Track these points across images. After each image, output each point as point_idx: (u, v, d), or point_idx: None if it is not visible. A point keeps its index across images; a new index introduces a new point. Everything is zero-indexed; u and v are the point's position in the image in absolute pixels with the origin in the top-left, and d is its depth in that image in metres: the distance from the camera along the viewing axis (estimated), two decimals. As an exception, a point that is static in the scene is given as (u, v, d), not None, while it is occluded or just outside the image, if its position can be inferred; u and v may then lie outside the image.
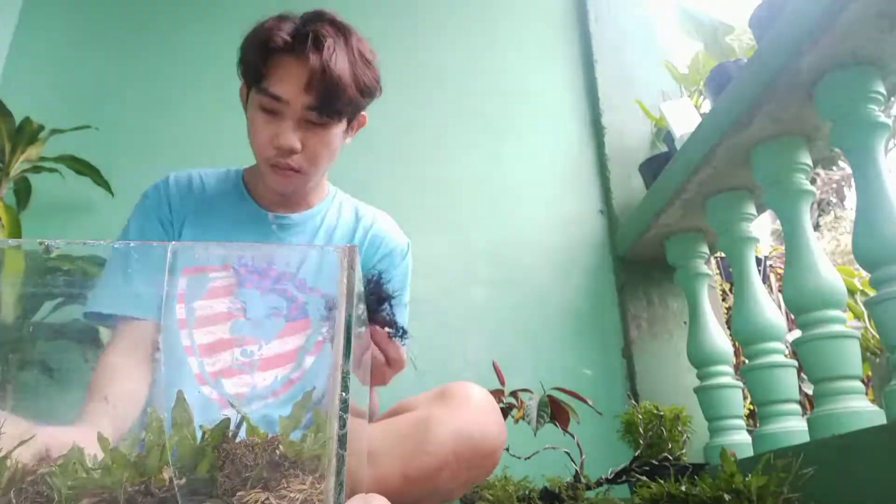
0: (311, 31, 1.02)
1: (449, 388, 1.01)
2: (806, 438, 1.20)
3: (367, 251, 1.20)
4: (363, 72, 1.06)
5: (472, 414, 0.96)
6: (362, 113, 1.15)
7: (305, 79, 1.01)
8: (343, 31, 1.06)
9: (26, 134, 1.68)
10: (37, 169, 1.72)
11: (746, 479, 0.81)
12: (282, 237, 1.17)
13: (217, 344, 1.00)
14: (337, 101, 1.03)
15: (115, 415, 0.81)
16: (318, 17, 1.05)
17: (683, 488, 0.88)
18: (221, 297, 1.04)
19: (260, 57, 1.04)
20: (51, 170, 1.72)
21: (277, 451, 0.46)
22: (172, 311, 1.00)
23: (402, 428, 0.95)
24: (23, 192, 1.76)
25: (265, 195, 1.18)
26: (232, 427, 0.47)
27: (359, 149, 1.43)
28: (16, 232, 1.59)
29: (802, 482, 0.86)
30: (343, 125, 1.10)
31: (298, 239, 1.17)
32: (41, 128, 1.70)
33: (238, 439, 0.47)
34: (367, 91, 1.08)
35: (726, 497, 0.82)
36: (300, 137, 1.05)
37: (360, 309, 0.60)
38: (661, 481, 0.95)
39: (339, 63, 1.02)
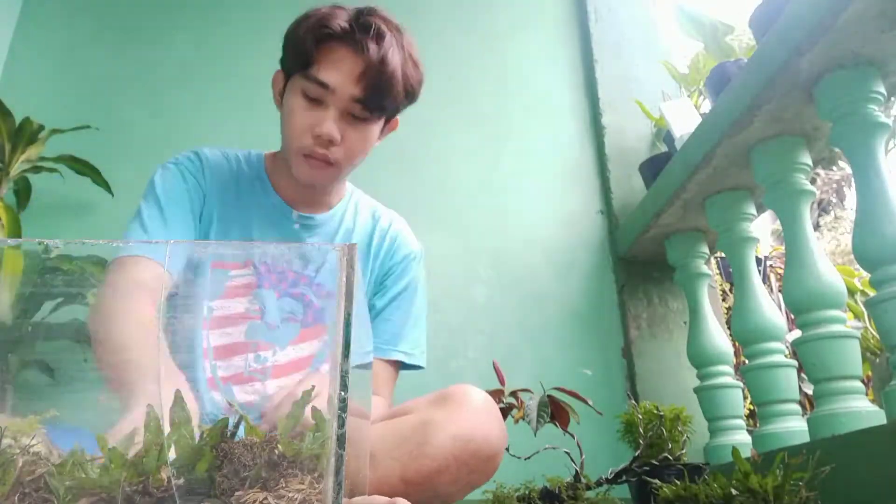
0: (373, 23, 0.99)
1: (449, 391, 0.99)
2: (806, 438, 1.20)
3: (385, 254, 1.17)
4: (412, 72, 1.04)
5: (471, 417, 0.94)
6: (396, 117, 1.12)
7: (360, 69, 0.98)
8: (398, 28, 1.04)
9: (26, 134, 1.67)
10: (37, 169, 1.72)
11: (763, 478, 0.81)
12: (303, 237, 1.13)
13: (232, 347, 0.99)
14: (386, 97, 1.01)
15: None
16: (373, 11, 1.02)
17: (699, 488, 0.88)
18: (240, 297, 1.02)
19: (313, 42, 0.99)
20: (51, 170, 1.72)
21: (276, 451, 0.46)
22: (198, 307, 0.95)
23: (401, 431, 0.93)
24: (23, 192, 1.76)
25: (288, 190, 1.12)
26: (230, 427, 0.47)
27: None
28: (16, 232, 1.59)
29: (805, 481, 0.86)
30: (381, 124, 1.07)
31: (318, 240, 1.13)
32: (41, 128, 1.70)
33: (236, 439, 0.47)
34: (411, 93, 1.06)
35: (741, 497, 0.82)
36: (340, 129, 1.01)
37: (362, 307, 0.60)
38: (678, 482, 0.95)
39: (395, 59, 1.00)
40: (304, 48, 1.00)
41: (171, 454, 0.45)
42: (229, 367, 0.98)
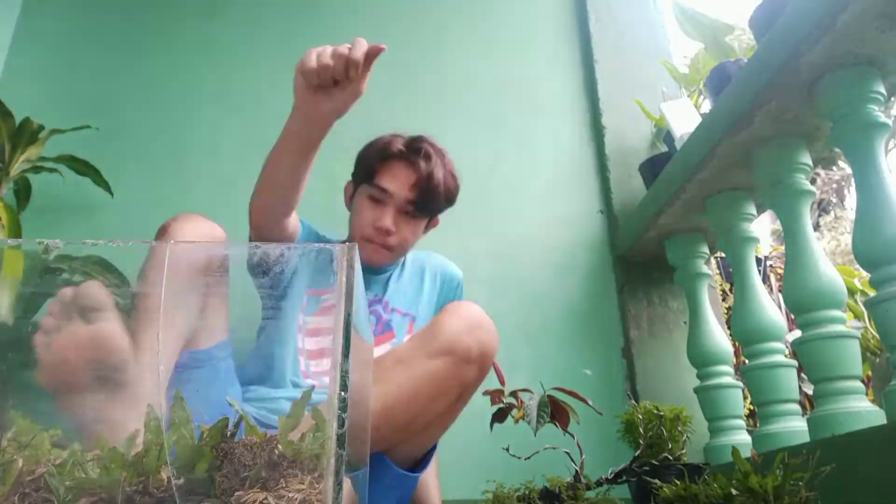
0: (423, 147, 1.34)
1: (440, 310, 1.17)
2: (806, 438, 1.20)
3: (443, 290, 1.49)
4: (451, 183, 1.39)
5: (470, 307, 1.14)
6: (438, 216, 1.44)
7: (413, 180, 1.32)
8: (441, 152, 1.38)
9: (26, 134, 1.67)
10: (37, 169, 1.72)
11: (763, 478, 0.81)
12: (369, 285, 1.44)
13: (320, 352, 1.28)
14: (431, 202, 1.36)
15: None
16: (423, 139, 1.37)
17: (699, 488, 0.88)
18: (329, 316, 1.20)
19: (377, 160, 1.34)
20: (51, 170, 1.72)
21: (276, 451, 0.46)
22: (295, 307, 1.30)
23: (413, 338, 1.12)
24: (23, 192, 1.76)
25: None
26: (230, 426, 0.47)
27: (359, 149, 1.44)
28: (16, 232, 1.59)
29: (805, 481, 0.86)
30: (426, 221, 1.40)
31: (377, 287, 1.43)
32: (41, 128, 1.70)
33: (237, 439, 0.47)
34: (450, 199, 1.42)
35: (741, 497, 0.82)
36: (396, 223, 1.33)
37: (363, 307, 0.60)
38: (678, 482, 0.94)
39: (439, 174, 1.34)
40: (371, 164, 1.35)
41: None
42: (319, 365, 1.28)
